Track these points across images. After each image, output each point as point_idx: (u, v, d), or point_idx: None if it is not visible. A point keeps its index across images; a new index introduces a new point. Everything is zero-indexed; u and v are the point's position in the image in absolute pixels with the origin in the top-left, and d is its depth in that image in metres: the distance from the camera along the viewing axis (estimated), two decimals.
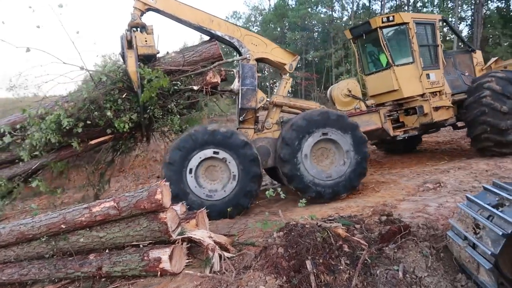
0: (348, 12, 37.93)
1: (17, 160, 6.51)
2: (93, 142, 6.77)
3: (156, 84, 6.21)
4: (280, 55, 7.82)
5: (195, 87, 6.71)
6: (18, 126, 6.48)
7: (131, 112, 6.42)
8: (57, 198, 7.60)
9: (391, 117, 8.91)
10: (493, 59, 10.43)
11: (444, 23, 10.16)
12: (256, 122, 7.73)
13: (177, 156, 6.38)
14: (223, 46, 9.07)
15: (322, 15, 38.37)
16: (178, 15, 7.08)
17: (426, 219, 4.63)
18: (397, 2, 37.71)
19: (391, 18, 8.65)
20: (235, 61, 7.74)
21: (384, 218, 4.57)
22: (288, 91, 8.38)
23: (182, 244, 4.40)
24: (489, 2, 33.05)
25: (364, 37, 9.35)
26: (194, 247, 4.62)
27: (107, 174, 7.74)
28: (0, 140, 6.36)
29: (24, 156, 6.23)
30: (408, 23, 8.62)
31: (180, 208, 5.34)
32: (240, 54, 7.46)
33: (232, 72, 8.11)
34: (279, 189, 5.45)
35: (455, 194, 5.94)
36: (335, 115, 7.05)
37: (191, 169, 6.42)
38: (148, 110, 6.48)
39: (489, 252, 3.03)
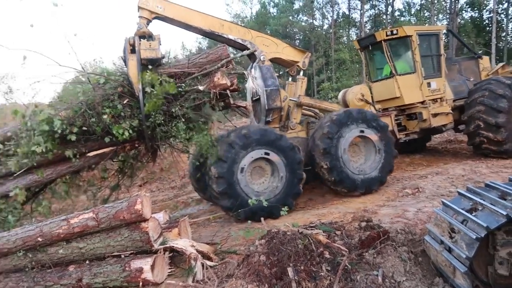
0: (329, 21, 38.47)
1: (10, 175, 5.64)
2: (91, 154, 6.24)
3: (161, 89, 5.73)
4: (291, 54, 7.91)
5: (201, 87, 6.15)
6: (14, 137, 5.68)
7: (131, 119, 5.84)
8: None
9: (397, 121, 9.36)
10: (500, 64, 10.96)
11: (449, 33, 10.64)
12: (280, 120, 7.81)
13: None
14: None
15: (303, 23, 38.84)
16: (189, 22, 6.88)
17: (405, 224, 4.74)
18: (376, 11, 38.58)
19: (394, 32, 9.15)
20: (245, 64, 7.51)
21: (364, 224, 4.63)
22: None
23: (164, 253, 4.37)
24: (463, 11, 34.19)
25: (370, 48, 9.87)
26: (176, 256, 4.59)
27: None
28: None
29: (12, 166, 5.41)
30: (411, 36, 9.08)
31: (162, 216, 5.32)
32: (252, 56, 7.39)
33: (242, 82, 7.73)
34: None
35: (433, 199, 6.09)
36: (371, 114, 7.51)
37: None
38: (150, 117, 5.89)
39: (464, 256, 3.11)
